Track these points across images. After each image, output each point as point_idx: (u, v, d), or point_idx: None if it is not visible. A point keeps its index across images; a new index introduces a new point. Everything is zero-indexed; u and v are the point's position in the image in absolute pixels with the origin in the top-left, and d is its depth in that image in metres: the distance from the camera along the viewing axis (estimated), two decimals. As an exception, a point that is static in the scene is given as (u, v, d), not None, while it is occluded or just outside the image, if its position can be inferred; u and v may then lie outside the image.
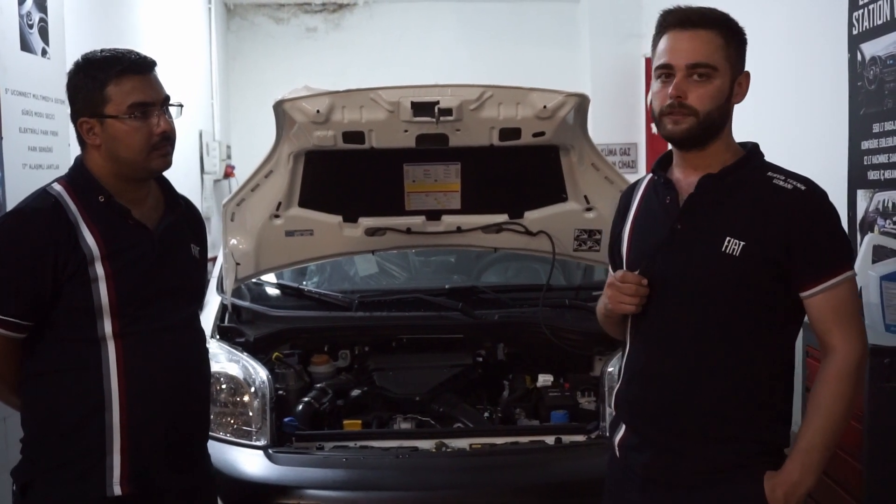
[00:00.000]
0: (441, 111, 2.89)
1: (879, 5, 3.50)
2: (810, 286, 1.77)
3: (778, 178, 1.81)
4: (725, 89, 1.81)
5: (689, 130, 1.81)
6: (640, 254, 1.91)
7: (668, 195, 1.88)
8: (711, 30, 1.80)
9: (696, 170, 1.86)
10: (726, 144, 1.86)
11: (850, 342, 1.78)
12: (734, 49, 1.82)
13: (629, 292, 1.85)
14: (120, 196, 1.98)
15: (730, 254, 1.77)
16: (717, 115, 1.81)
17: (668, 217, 1.87)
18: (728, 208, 1.81)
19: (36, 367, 1.96)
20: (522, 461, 2.82)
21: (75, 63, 1.99)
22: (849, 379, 1.77)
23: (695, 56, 1.79)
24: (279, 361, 3.29)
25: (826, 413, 1.77)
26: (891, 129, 3.44)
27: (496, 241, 3.47)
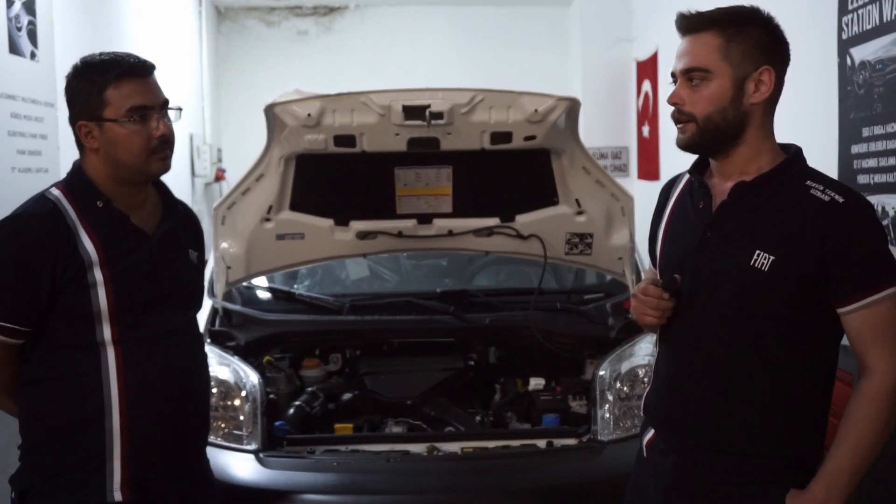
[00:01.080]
0: (432, 115, 2.90)
1: (869, 10, 3.52)
2: (848, 303, 1.69)
3: (816, 187, 1.71)
4: (726, 90, 1.73)
5: (691, 137, 1.76)
6: (671, 257, 1.87)
7: (701, 200, 1.83)
8: (708, 31, 1.74)
9: (730, 177, 1.80)
10: (756, 148, 1.77)
11: (888, 361, 1.69)
12: (740, 47, 1.73)
13: (651, 305, 1.81)
14: (118, 201, 1.97)
15: (759, 268, 1.70)
16: (720, 118, 1.73)
17: (700, 223, 1.81)
18: (760, 218, 1.74)
19: (34, 373, 1.95)
20: (514, 465, 2.82)
21: (74, 66, 1.98)
22: (885, 400, 1.68)
23: (688, 61, 1.75)
24: (270, 365, 3.28)
25: (858, 435, 1.69)
26: (880, 134, 3.46)
27: (487, 244, 3.47)
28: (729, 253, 1.76)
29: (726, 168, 1.80)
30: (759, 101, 1.76)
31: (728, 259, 1.75)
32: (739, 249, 1.74)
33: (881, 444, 1.71)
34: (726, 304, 1.75)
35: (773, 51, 1.77)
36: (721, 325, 1.77)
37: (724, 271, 1.75)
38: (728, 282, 1.75)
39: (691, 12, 1.77)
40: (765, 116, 1.78)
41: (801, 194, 1.72)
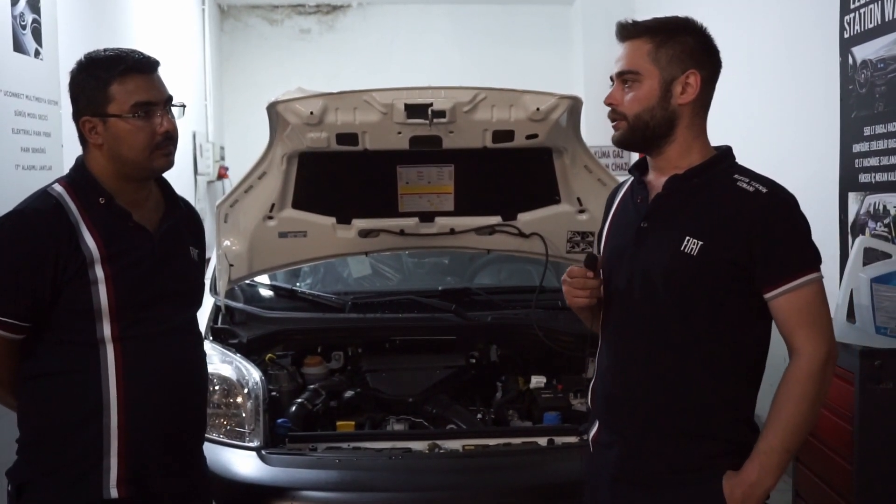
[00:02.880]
0: (434, 113, 2.90)
1: (870, 9, 3.52)
2: (772, 288, 1.79)
3: (742, 180, 1.84)
4: (654, 91, 1.85)
5: (623, 134, 1.89)
6: (613, 250, 1.98)
7: (640, 195, 1.95)
8: (639, 37, 1.88)
9: (664, 171, 1.92)
10: (686, 145, 1.89)
11: (814, 344, 1.78)
12: (667, 52, 1.85)
13: (578, 286, 1.92)
14: (120, 197, 1.97)
15: (688, 253, 1.81)
16: (648, 117, 1.86)
17: (637, 216, 1.93)
18: (691, 208, 1.85)
19: (34, 368, 1.95)
20: (515, 462, 2.82)
21: (78, 62, 1.98)
22: (812, 381, 1.77)
23: (620, 65, 1.89)
24: (272, 363, 3.29)
25: (787, 415, 1.78)
26: (882, 133, 3.46)
27: (489, 242, 3.47)
28: (662, 240, 1.86)
29: (660, 164, 1.93)
30: (687, 102, 1.87)
31: (661, 246, 1.86)
32: (671, 237, 1.85)
33: (810, 422, 1.80)
34: (660, 289, 1.85)
35: (701, 57, 1.88)
36: (655, 311, 1.86)
37: (657, 258, 1.86)
38: (661, 267, 1.85)
39: (628, 21, 1.92)
40: (694, 116, 1.89)
41: (728, 186, 1.84)
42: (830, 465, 3.06)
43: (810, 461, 3.26)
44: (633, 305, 1.90)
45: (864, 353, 2.87)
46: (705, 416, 1.83)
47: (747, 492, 1.78)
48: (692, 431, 1.84)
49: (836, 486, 3.03)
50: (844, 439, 2.94)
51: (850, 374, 2.92)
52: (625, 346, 1.93)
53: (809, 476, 3.26)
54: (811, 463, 3.25)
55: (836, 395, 3.04)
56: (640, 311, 1.88)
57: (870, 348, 2.88)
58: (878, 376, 2.86)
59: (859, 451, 2.88)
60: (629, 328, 1.92)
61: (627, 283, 1.90)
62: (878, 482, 2.88)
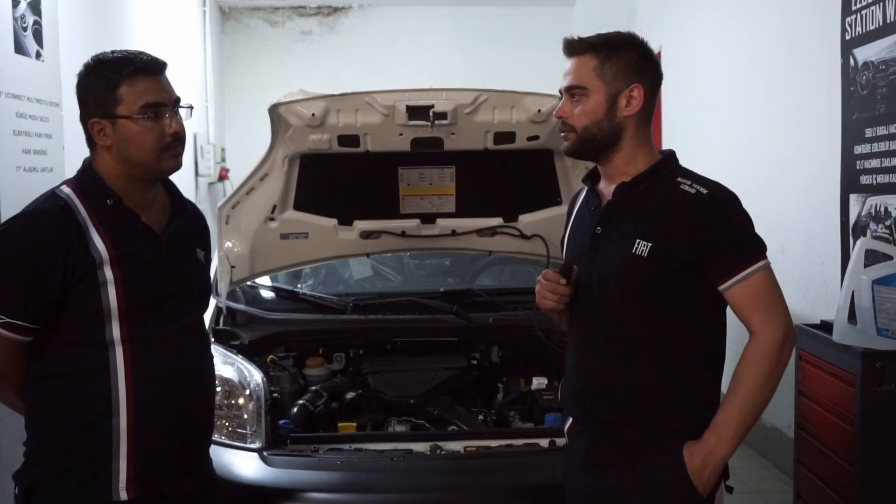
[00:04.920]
0: (436, 115, 2.90)
1: (872, 10, 3.52)
2: (724, 280, 1.90)
3: (685, 182, 1.94)
4: (601, 105, 1.96)
5: (572, 145, 2.01)
6: (571, 256, 2.10)
7: (593, 203, 2.07)
8: (586, 54, 1.98)
9: (613, 179, 2.02)
10: (632, 154, 1.99)
11: (770, 327, 1.89)
12: (611, 67, 1.95)
13: (549, 289, 2.02)
14: (128, 199, 1.98)
15: (639, 255, 1.92)
16: (596, 129, 1.96)
17: (592, 222, 2.04)
18: (639, 213, 1.96)
19: (42, 370, 1.95)
20: (517, 464, 2.82)
21: (85, 65, 1.98)
22: (766, 359, 1.89)
23: (569, 80, 2.00)
24: (274, 364, 3.29)
25: (742, 390, 1.89)
26: (883, 134, 3.46)
27: (491, 244, 3.48)
28: (615, 244, 1.97)
29: (609, 171, 2.04)
30: (631, 114, 1.97)
31: (614, 250, 1.97)
32: (623, 240, 1.95)
33: (765, 397, 1.91)
34: (615, 289, 1.96)
35: (643, 71, 1.99)
36: (613, 309, 1.97)
37: (611, 260, 1.97)
38: (615, 269, 1.96)
39: (574, 38, 2.02)
40: (639, 126, 2.00)
41: (672, 189, 1.95)
42: (831, 466, 3.06)
43: (811, 463, 3.26)
44: (592, 306, 2.01)
45: (865, 355, 2.87)
46: (665, 404, 1.95)
47: (706, 458, 1.90)
48: (653, 419, 1.95)
49: (837, 488, 3.03)
50: (845, 441, 2.94)
51: (851, 375, 2.92)
52: (586, 343, 2.05)
53: (810, 477, 3.26)
54: (812, 464, 3.25)
55: (838, 396, 3.04)
56: (599, 311, 2.00)
57: (871, 350, 2.89)
58: (879, 378, 2.86)
59: (860, 453, 2.88)
60: (590, 327, 2.03)
61: (586, 285, 2.01)
62: (879, 484, 2.88)
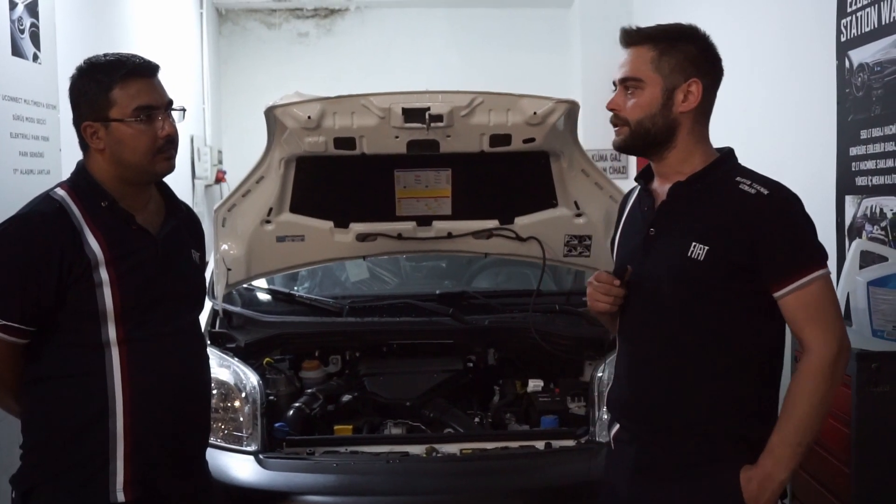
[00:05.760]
0: (432, 117, 2.90)
1: (867, 12, 3.53)
2: (780, 287, 1.83)
3: (744, 182, 1.86)
4: (657, 98, 1.88)
5: (624, 140, 1.92)
6: (623, 258, 2.03)
7: (646, 203, 1.99)
8: (643, 45, 1.90)
9: (668, 178, 1.95)
10: (688, 151, 1.92)
11: (824, 339, 1.82)
12: (669, 59, 1.88)
13: (603, 291, 1.95)
14: (122, 201, 1.98)
15: (695, 258, 1.84)
16: (650, 123, 1.89)
17: (644, 224, 1.97)
18: (695, 214, 1.89)
19: (39, 372, 1.95)
20: (513, 466, 2.83)
21: (78, 68, 1.98)
22: (821, 376, 1.82)
23: (623, 72, 1.92)
24: (270, 367, 3.29)
25: (799, 409, 1.82)
26: (878, 136, 3.47)
27: (487, 246, 3.48)
28: (669, 247, 1.90)
29: (663, 170, 1.96)
30: (688, 110, 1.90)
31: (668, 252, 1.90)
32: (678, 243, 1.88)
33: (821, 416, 1.85)
34: (669, 294, 1.89)
35: (702, 65, 1.91)
36: (667, 315, 1.90)
37: (665, 264, 1.90)
38: (669, 273, 1.89)
39: (632, 27, 1.95)
40: (695, 123, 1.92)
41: (730, 189, 1.87)
42: (827, 468, 3.06)
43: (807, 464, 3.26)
44: (644, 310, 1.94)
45: (861, 356, 2.87)
46: (717, 415, 1.87)
47: (763, 484, 1.82)
48: (705, 430, 1.88)
49: (834, 490, 3.03)
50: (842, 442, 2.94)
51: (847, 377, 2.92)
52: (638, 350, 1.98)
53: (806, 479, 3.26)
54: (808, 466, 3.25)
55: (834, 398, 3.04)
56: (651, 316, 1.93)
57: (867, 351, 2.88)
58: (875, 379, 2.86)
59: (856, 455, 2.88)
60: (641, 333, 1.96)
61: (638, 289, 1.94)
62: (876, 485, 2.88)
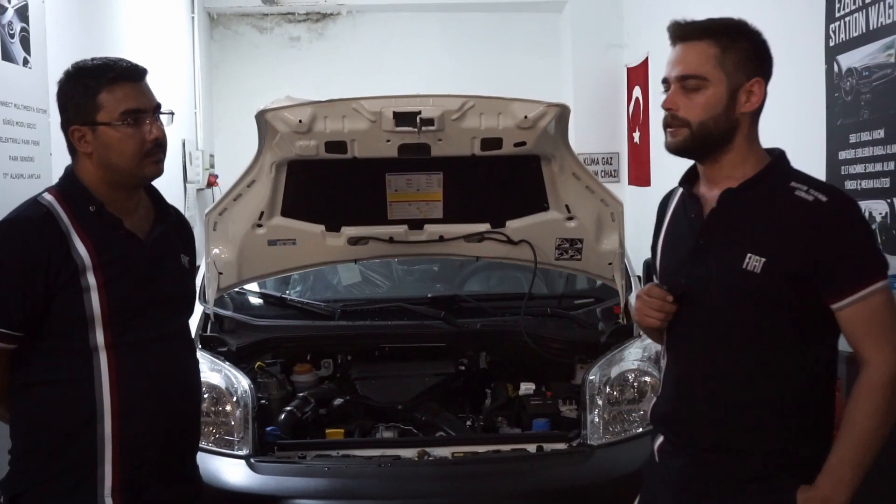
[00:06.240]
0: (423, 121, 2.91)
1: (856, 17, 3.55)
2: (839, 299, 1.73)
3: (800, 188, 1.76)
4: (721, 98, 1.79)
5: (684, 142, 1.81)
6: (668, 268, 1.93)
7: (693, 210, 1.89)
8: (705, 40, 1.79)
9: (717, 183, 1.84)
10: (743, 155, 1.83)
11: (884, 354, 1.72)
12: (734, 57, 1.79)
13: (655, 307, 1.85)
14: (111, 205, 1.98)
15: (751, 271, 1.75)
16: (712, 124, 1.79)
17: (692, 232, 1.87)
18: (749, 223, 1.79)
19: (27, 377, 1.95)
20: (504, 469, 2.83)
21: (66, 72, 1.99)
22: (881, 393, 1.71)
23: (684, 68, 1.79)
24: (261, 371, 3.29)
25: (858, 429, 1.72)
26: (867, 140, 3.49)
27: (478, 249, 3.48)
28: (721, 258, 1.80)
29: (714, 174, 1.85)
30: (748, 111, 1.82)
31: (721, 264, 1.80)
32: (731, 254, 1.78)
33: (883, 434, 1.73)
34: (722, 308, 1.80)
35: (761, 63, 1.83)
36: (719, 329, 1.81)
37: (718, 276, 1.80)
38: (722, 286, 1.79)
39: (686, 20, 1.82)
40: (752, 125, 1.84)
41: (786, 196, 1.77)
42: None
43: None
44: (695, 324, 1.84)
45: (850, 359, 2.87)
46: (770, 432, 1.79)
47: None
48: (759, 449, 1.79)
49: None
50: (832, 445, 2.94)
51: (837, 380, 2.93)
52: (687, 363, 1.88)
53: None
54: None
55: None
56: (703, 330, 1.84)
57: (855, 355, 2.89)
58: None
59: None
60: (692, 346, 1.87)
61: (688, 302, 1.84)
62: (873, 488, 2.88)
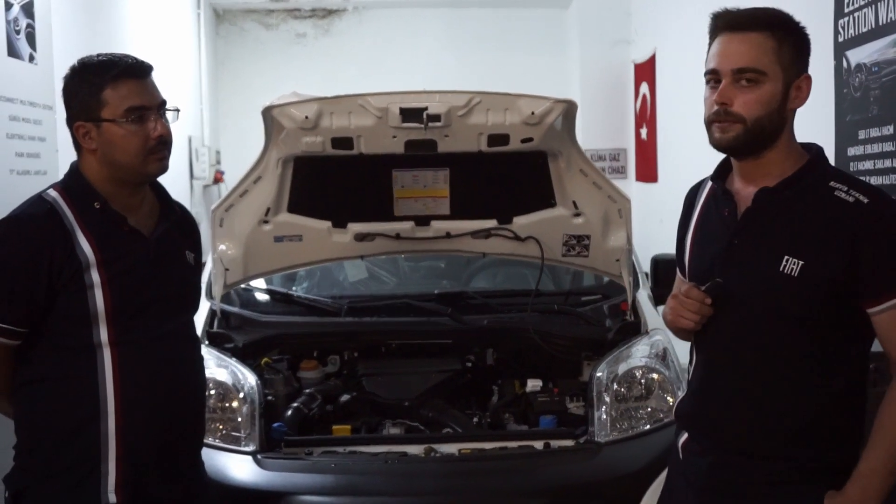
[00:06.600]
0: (429, 117, 2.90)
1: (865, 13, 3.53)
2: (877, 303, 1.69)
3: (840, 188, 1.71)
4: (777, 94, 1.72)
5: (736, 138, 1.73)
6: (699, 266, 1.87)
7: (726, 207, 1.82)
8: (762, 32, 1.71)
9: (754, 180, 1.78)
10: (785, 152, 1.77)
11: None
12: (789, 51, 1.73)
13: (692, 309, 1.79)
14: (115, 202, 1.98)
15: (788, 274, 1.70)
16: (767, 121, 1.71)
17: (725, 230, 1.81)
18: (787, 224, 1.73)
19: (30, 374, 1.95)
20: (511, 466, 2.82)
21: (71, 68, 1.99)
22: None
23: (741, 61, 1.71)
24: (268, 367, 3.28)
25: (890, 436, 1.69)
26: (876, 136, 3.47)
27: (485, 246, 3.47)
28: (757, 260, 1.75)
29: (753, 171, 1.79)
30: (795, 108, 1.77)
31: (757, 266, 1.75)
32: (767, 256, 1.73)
33: None
34: (757, 310, 1.76)
35: (806, 58, 1.78)
36: (751, 331, 1.77)
37: (753, 278, 1.75)
38: (758, 288, 1.75)
39: (739, 9, 1.74)
40: (792, 121, 1.79)
41: (825, 196, 1.71)
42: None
43: None
44: (727, 326, 1.80)
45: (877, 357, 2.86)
46: (799, 437, 1.75)
47: None
48: (788, 455, 1.75)
49: (832, 489, 3.02)
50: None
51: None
52: (717, 365, 1.84)
53: None
54: None
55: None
56: (735, 332, 1.79)
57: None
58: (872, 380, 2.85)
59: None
60: (724, 349, 1.82)
61: (721, 304, 1.78)
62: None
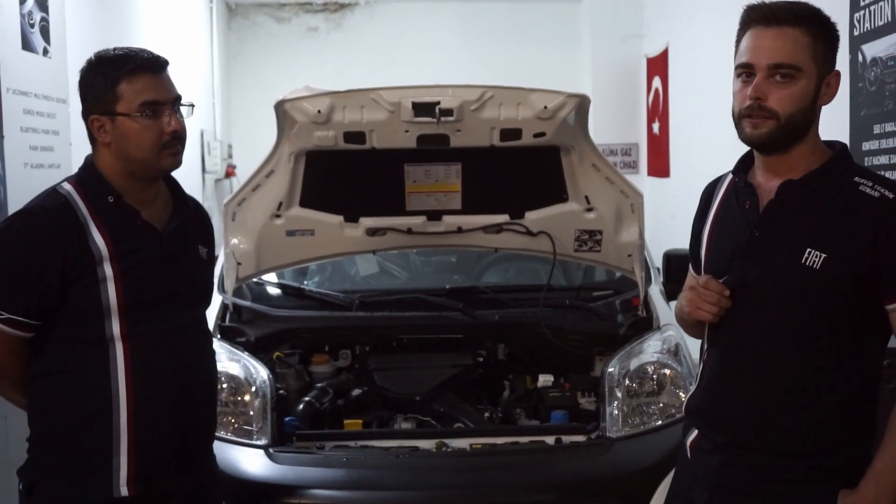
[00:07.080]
0: (442, 111, 2.90)
1: (881, 6, 3.50)
2: (893, 299, 1.67)
3: (865, 184, 1.70)
4: (811, 91, 1.71)
5: (769, 134, 1.71)
6: (718, 259, 1.85)
7: (747, 200, 1.80)
8: (798, 27, 1.69)
9: (778, 174, 1.77)
10: (811, 148, 1.76)
11: None
12: (823, 47, 1.71)
13: (711, 300, 1.76)
14: (129, 196, 1.99)
15: (810, 266, 1.68)
16: (799, 118, 1.70)
17: (746, 223, 1.79)
18: (810, 217, 1.72)
19: (43, 366, 1.96)
20: (522, 461, 2.82)
21: (88, 61, 1.99)
22: None
23: (778, 56, 1.68)
24: (280, 361, 3.29)
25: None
26: (891, 131, 3.44)
27: (497, 241, 3.47)
28: (779, 252, 1.73)
29: (778, 165, 1.77)
30: (825, 104, 1.76)
31: (778, 259, 1.73)
32: (790, 248, 1.71)
33: None
34: (776, 303, 1.74)
35: (836, 54, 1.77)
36: (770, 325, 1.75)
37: (775, 271, 1.74)
38: (779, 282, 1.73)
39: (775, 2, 1.72)
40: (818, 117, 1.78)
41: (850, 191, 1.70)
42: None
43: None
44: (744, 319, 1.77)
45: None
46: (816, 437, 1.73)
47: None
48: (802, 453, 1.73)
49: (845, 486, 3.01)
50: None
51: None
52: (731, 360, 1.82)
53: None
54: None
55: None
56: (752, 326, 1.77)
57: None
58: (887, 376, 2.84)
59: (869, 451, 2.86)
60: (741, 344, 1.80)
61: (740, 297, 1.76)
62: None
